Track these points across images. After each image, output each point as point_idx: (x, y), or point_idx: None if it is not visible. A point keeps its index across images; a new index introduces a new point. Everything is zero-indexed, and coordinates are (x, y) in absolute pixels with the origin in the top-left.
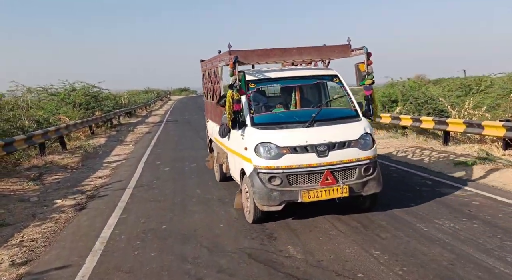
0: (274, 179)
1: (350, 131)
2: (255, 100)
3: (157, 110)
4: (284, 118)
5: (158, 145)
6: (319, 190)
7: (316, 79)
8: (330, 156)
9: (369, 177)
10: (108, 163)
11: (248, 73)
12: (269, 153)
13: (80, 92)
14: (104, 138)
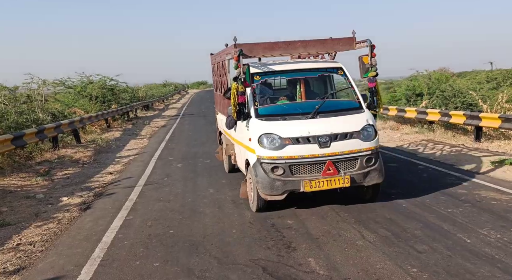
0: (276, 169)
1: (353, 123)
2: (262, 92)
3: (174, 103)
4: (288, 109)
5: (173, 139)
6: (321, 180)
7: (320, 71)
8: (332, 147)
9: (370, 168)
10: (121, 158)
11: (253, 66)
12: (272, 143)
13: (97, 85)
14: (119, 132)
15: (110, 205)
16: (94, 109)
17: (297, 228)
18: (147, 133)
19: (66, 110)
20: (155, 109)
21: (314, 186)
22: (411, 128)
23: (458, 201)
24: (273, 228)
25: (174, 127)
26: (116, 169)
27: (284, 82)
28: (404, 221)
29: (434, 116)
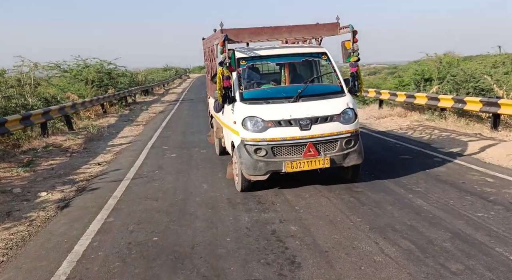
0: (259, 150)
1: (333, 106)
2: (249, 77)
3: (175, 88)
4: (272, 93)
5: (169, 126)
6: (302, 161)
7: (305, 56)
8: (313, 130)
9: (350, 150)
10: (112, 147)
11: (239, 51)
12: (255, 126)
13: (93, 69)
14: (115, 118)
15: (91, 203)
16: (90, 94)
17: (302, 237)
18: (144, 119)
19: (59, 95)
20: (154, 94)
21: (295, 166)
22: (420, 115)
23: (487, 202)
24: (273, 236)
25: (172, 113)
26: (105, 159)
27: (273, 67)
28: (428, 229)
29: (446, 103)
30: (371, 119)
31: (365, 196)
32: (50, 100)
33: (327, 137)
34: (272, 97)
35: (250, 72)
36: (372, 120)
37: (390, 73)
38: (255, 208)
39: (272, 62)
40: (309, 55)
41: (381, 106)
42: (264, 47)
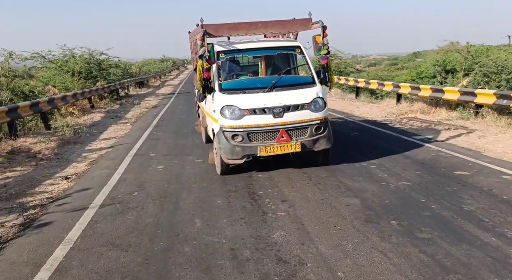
0: (236, 136)
1: (304, 96)
2: (229, 68)
3: (172, 80)
4: (248, 84)
5: (161, 125)
6: (275, 146)
7: (279, 49)
8: (285, 117)
9: (320, 135)
10: (89, 153)
11: (219, 45)
12: (232, 114)
13: (80, 59)
14: (101, 114)
15: (28, 255)
16: (76, 87)
17: None
18: (133, 115)
19: (37, 88)
20: (149, 86)
21: (269, 151)
22: (447, 112)
23: None
24: None
25: (166, 108)
26: (77, 170)
27: (252, 59)
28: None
29: (486, 99)
30: (390, 116)
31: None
32: (28, 94)
33: (298, 124)
34: (248, 87)
35: (231, 64)
36: (392, 117)
37: (391, 64)
38: (275, 273)
39: (250, 55)
40: (284, 48)
41: (399, 101)
42: (243, 41)
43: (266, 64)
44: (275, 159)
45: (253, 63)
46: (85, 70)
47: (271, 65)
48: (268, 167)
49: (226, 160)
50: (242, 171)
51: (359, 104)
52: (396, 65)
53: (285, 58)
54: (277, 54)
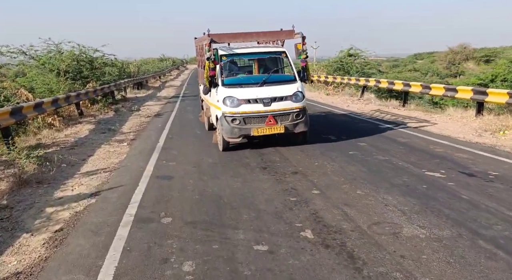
0: (235, 120)
1: (287, 90)
2: (229, 68)
3: (173, 80)
4: (244, 80)
5: (170, 147)
6: (265, 128)
7: (269, 54)
8: (272, 106)
9: (299, 120)
10: (56, 209)
11: (222, 49)
12: (232, 103)
13: (67, 56)
14: (90, 125)
15: None
16: (62, 89)
17: None
18: (132, 128)
19: (4, 91)
20: (149, 87)
21: (260, 132)
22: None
23: None
24: None
25: (172, 117)
26: (19, 266)
27: (247, 61)
28: None
29: None
30: (485, 138)
31: None
32: None
33: (282, 111)
34: (244, 83)
35: (231, 65)
36: (497, 140)
37: (393, 66)
38: None
39: (246, 58)
40: (273, 53)
41: (480, 113)
42: (241, 47)
43: (258, 65)
44: (265, 140)
45: (248, 64)
46: (73, 69)
47: (262, 66)
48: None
49: (227, 138)
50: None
51: (430, 117)
52: (398, 67)
53: (274, 61)
54: (267, 58)
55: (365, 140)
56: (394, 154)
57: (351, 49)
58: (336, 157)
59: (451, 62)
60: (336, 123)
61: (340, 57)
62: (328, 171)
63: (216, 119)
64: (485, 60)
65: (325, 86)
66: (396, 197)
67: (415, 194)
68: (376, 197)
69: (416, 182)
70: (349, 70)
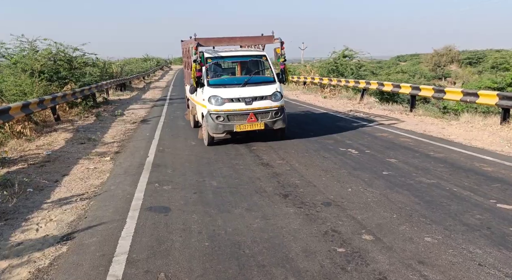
0: (219, 117)
1: (267, 90)
2: (214, 70)
3: (157, 81)
4: (228, 81)
5: (163, 163)
6: (246, 124)
7: (251, 57)
8: (253, 104)
9: (277, 118)
10: (2, 276)
11: (207, 52)
12: (217, 102)
13: (42, 55)
14: (67, 134)
15: None
16: (36, 91)
17: None
18: (115, 137)
19: None
20: (133, 89)
21: (242, 128)
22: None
23: None
24: None
25: (161, 124)
26: None
27: (231, 64)
28: None
29: None
30: None
31: None
32: None
33: (262, 109)
34: (228, 83)
35: (216, 67)
36: None
37: (378, 68)
38: None
39: (229, 61)
40: (254, 56)
41: (506, 120)
42: (225, 50)
43: (241, 67)
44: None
45: (232, 66)
46: (49, 69)
47: (244, 68)
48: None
49: (212, 134)
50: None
51: (445, 125)
52: (382, 69)
53: (255, 63)
54: (249, 60)
55: (392, 154)
56: (439, 175)
57: (346, 50)
58: (370, 179)
59: (436, 64)
60: (347, 132)
61: (334, 58)
62: (370, 202)
63: (202, 117)
64: (468, 62)
65: (319, 88)
66: (486, 249)
67: (510, 244)
68: (458, 249)
69: (497, 223)
70: (344, 72)
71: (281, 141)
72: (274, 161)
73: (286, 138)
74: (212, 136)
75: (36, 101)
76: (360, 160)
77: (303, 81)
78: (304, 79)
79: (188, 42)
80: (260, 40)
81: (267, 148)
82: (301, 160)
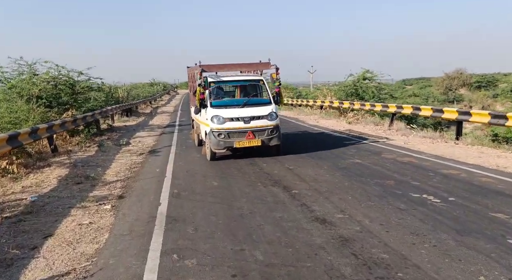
0: (221, 135)
1: (264, 110)
2: (217, 92)
3: (165, 105)
4: (228, 103)
5: (182, 215)
6: (245, 141)
7: (249, 81)
8: (252, 123)
9: (273, 136)
10: None
11: (210, 77)
12: (218, 121)
13: (41, 78)
14: (62, 170)
15: None
16: (34, 117)
17: None
18: (119, 174)
19: None
20: (139, 114)
21: (241, 144)
22: None
23: None
24: None
25: (173, 156)
26: None
27: (231, 87)
28: None
29: None
30: None
31: None
32: None
33: (259, 128)
34: (229, 104)
35: (218, 90)
36: None
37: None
38: None
39: (230, 85)
40: (252, 81)
41: None
42: (226, 75)
43: (240, 90)
44: (245, 152)
45: (232, 90)
46: (48, 94)
47: (243, 91)
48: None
49: (213, 150)
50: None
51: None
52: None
53: (253, 87)
54: (247, 84)
55: (490, 205)
56: None
57: (366, 72)
58: (498, 255)
59: (448, 87)
60: (402, 168)
61: (353, 81)
62: None
63: (205, 134)
64: (477, 86)
65: (337, 113)
66: None
67: None
68: None
69: None
70: (364, 95)
71: (325, 180)
72: (331, 214)
73: (329, 174)
74: (214, 152)
75: (28, 131)
76: (454, 214)
77: (320, 105)
78: (321, 103)
79: (193, 68)
80: (257, 66)
81: (311, 191)
82: (370, 214)
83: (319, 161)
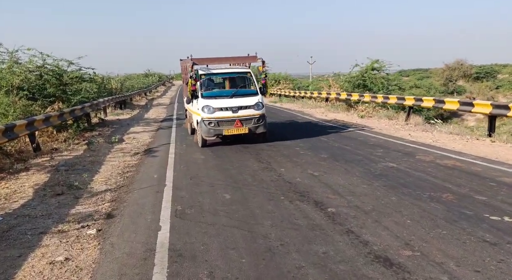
0: (211, 123)
1: (251, 100)
2: (207, 84)
3: (160, 97)
4: (218, 93)
5: (189, 247)
6: (233, 129)
7: (237, 74)
8: (239, 113)
9: (259, 124)
10: None
11: (201, 69)
12: (209, 110)
13: (21, 67)
14: (41, 175)
15: None
16: (15, 110)
17: None
18: (109, 181)
19: None
20: (134, 106)
21: (230, 132)
22: None
23: None
24: None
25: (173, 157)
26: None
27: (221, 79)
28: None
29: None
30: None
31: None
32: None
33: (247, 117)
34: (218, 95)
35: (208, 82)
36: None
37: None
38: None
39: (220, 77)
40: (240, 73)
41: None
42: (216, 68)
43: (229, 82)
44: (234, 138)
45: (222, 81)
46: (31, 85)
47: (232, 83)
48: None
49: (204, 137)
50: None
51: None
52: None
53: (241, 79)
54: (236, 76)
55: None
56: None
57: (376, 62)
58: None
59: (448, 78)
60: (448, 174)
61: (361, 72)
62: None
63: (197, 123)
64: (476, 77)
65: (345, 105)
66: None
67: None
68: None
69: None
70: (372, 87)
71: (365, 194)
72: (395, 250)
73: (366, 185)
74: (205, 139)
75: (1, 129)
76: None
77: (325, 97)
78: (326, 95)
79: (185, 61)
80: (245, 60)
81: (353, 210)
82: (449, 251)
83: (346, 165)
